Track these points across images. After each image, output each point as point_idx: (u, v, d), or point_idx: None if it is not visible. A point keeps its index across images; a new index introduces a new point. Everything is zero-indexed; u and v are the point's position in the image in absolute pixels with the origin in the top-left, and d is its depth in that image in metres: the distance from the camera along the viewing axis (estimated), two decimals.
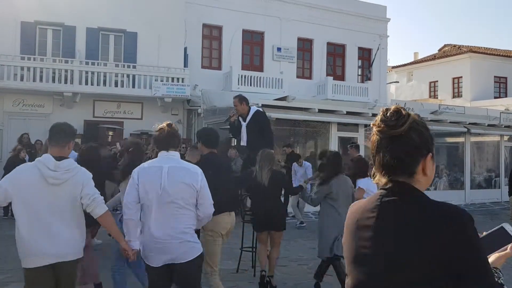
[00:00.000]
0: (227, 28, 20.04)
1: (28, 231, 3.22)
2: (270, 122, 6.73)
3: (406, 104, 15.27)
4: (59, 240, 3.24)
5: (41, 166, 3.24)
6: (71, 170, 3.32)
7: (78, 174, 3.35)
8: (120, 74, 16.63)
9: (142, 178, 3.49)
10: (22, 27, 16.39)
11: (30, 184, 3.23)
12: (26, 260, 3.27)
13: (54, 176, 3.23)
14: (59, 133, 3.41)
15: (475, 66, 29.62)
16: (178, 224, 3.47)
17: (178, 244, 3.45)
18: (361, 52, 23.58)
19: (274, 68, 20.69)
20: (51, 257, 3.23)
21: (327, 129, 13.93)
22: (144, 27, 17.51)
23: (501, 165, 17.58)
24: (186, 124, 18.45)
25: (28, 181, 3.23)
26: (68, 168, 3.30)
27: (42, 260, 3.22)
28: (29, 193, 3.22)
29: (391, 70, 33.83)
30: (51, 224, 3.24)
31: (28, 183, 3.23)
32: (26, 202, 3.23)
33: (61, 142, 3.38)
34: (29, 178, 3.24)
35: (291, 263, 7.07)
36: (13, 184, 3.24)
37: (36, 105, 16.43)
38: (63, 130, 3.45)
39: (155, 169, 3.51)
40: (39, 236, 3.21)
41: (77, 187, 3.32)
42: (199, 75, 18.69)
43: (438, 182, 16.38)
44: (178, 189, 3.48)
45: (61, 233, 3.26)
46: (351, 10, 22.54)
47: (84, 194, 3.33)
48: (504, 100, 27.26)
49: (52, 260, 3.23)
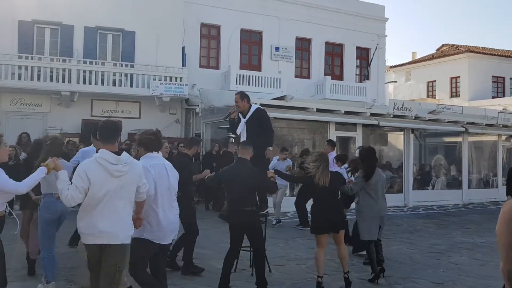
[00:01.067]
0: (226, 28, 20.04)
1: (97, 217, 3.62)
2: (271, 120, 6.69)
3: (404, 103, 15.27)
4: (120, 224, 3.70)
5: (103, 162, 3.61)
6: (129, 163, 3.74)
7: (135, 166, 3.80)
8: (118, 73, 16.62)
9: (155, 172, 4.26)
10: (20, 26, 16.35)
11: (98, 177, 3.58)
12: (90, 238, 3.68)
13: (117, 169, 3.64)
14: (111, 131, 3.79)
15: (473, 66, 29.68)
16: (176, 209, 4.57)
17: (178, 224, 4.62)
18: (359, 51, 23.60)
19: (272, 68, 20.70)
20: (113, 238, 3.66)
21: (325, 128, 13.92)
22: (142, 26, 17.50)
23: (499, 164, 17.61)
24: (184, 124, 18.45)
25: (97, 175, 3.58)
26: (126, 162, 3.71)
27: (102, 239, 3.65)
28: (97, 186, 3.58)
29: (389, 70, 33.88)
30: (116, 210, 3.67)
31: (97, 177, 3.57)
32: (94, 194, 3.59)
33: (113, 139, 3.78)
34: (97, 172, 3.59)
35: (289, 262, 7.07)
36: (88, 181, 3.57)
37: (33, 104, 16.41)
38: (113, 127, 3.82)
39: (160, 165, 4.40)
40: (107, 220, 3.63)
41: (136, 178, 3.80)
42: (197, 74, 18.69)
43: (436, 181, 16.41)
44: (175, 181, 4.57)
45: (124, 218, 3.74)
46: (349, 10, 22.56)
47: (142, 183, 3.87)
48: (501, 100, 27.34)
49: (107, 241, 3.65)
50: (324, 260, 5.67)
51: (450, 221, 12.11)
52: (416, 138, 16.12)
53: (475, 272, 6.78)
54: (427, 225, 11.29)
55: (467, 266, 7.17)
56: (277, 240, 8.50)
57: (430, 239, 9.43)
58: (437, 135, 17.92)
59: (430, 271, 6.81)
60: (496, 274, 6.72)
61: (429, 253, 8.06)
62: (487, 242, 9.19)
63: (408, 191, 14.86)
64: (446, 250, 8.34)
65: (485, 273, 6.73)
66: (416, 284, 6.13)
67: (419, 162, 17.39)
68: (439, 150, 18.85)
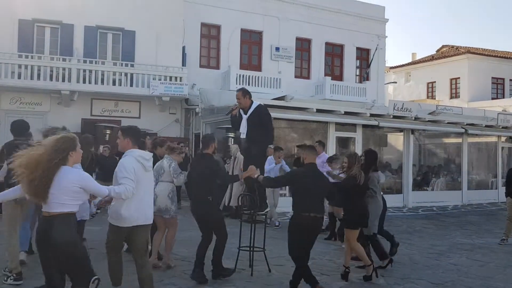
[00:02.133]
0: (226, 28, 20.03)
1: (133, 203, 4.36)
2: (271, 117, 6.65)
3: (404, 104, 15.26)
4: (148, 209, 4.58)
5: (141, 159, 4.42)
6: (150, 159, 4.59)
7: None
8: (118, 72, 16.60)
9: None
10: (20, 25, 16.34)
11: (139, 172, 4.37)
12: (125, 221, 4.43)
13: (150, 165, 4.58)
14: (139, 134, 4.74)
15: (473, 67, 29.69)
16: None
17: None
18: (359, 52, 23.59)
19: (272, 68, 20.69)
20: (144, 219, 4.52)
21: (325, 129, 13.91)
22: (142, 25, 17.48)
23: (498, 166, 17.62)
24: (184, 123, 18.44)
25: (138, 171, 4.38)
26: (148, 158, 4.56)
27: (137, 222, 4.46)
28: (140, 178, 4.39)
29: (389, 71, 33.88)
30: (148, 199, 4.58)
31: (138, 172, 4.36)
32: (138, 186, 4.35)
33: (139, 141, 4.72)
34: (139, 168, 4.38)
35: (288, 262, 7.05)
36: (135, 175, 4.34)
37: (33, 103, 16.39)
38: (138, 131, 4.76)
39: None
40: (139, 205, 4.43)
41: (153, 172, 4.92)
42: (197, 74, 18.68)
43: (436, 182, 16.41)
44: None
45: (150, 202, 4.64)
46: (349, 10, 22.55)
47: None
48: (501, 101, 27.34)
49: (142, 222, 4.50)
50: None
51: (449, 222, 12.12)
52: (415, 139, 16.12)
53: (474, 273, 6.78)
54: (426, 226, 11.29)
55: (466, 267, 7.17)
56: (277, 240, 8.48)
57: (430, 240, 9.43)
58: (437, 136, 17.92)
59: (430, 271, 6.81)
60: (496, 275, 6.73)
61: (429, 253, 8.07)
62: (486, 243, 9.20)
63: (408, 192, 14.86)
64: (446, 251, 8.35)
65: (485, 274, 6.73)
66: (415, 284, 6.13)
67: (419, 163, 17.39)
68: (439, 151, 18.85)
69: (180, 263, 6.54)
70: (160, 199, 6.14)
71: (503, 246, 8.93)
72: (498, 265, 7.41)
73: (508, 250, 8.56)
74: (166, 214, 6.22)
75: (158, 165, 6.36)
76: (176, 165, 6.36)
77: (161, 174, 6.29)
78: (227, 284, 5.74)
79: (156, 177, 6.04)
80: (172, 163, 6.33)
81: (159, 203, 6.11)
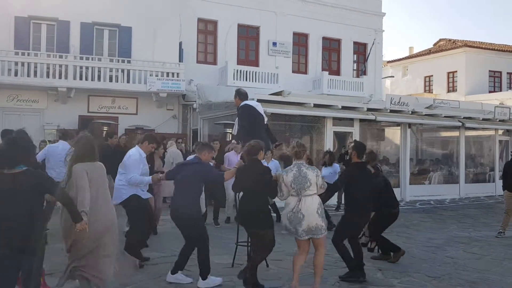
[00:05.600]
0: (223, 23, 19.98)
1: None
2: (249, 115, 6.54)
3: (401, 98, 15.28)
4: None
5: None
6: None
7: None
8: (114, 69, 16.54)
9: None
10: (16, 22, 16.27)
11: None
12: None
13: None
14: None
15: (470, 61, 29.70)
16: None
17: None
18: (357, 46, 23.57)
19: (270, 63, 20.67)
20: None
21: (322, 123, 13.94)
22: (138, 21, 17.43)
23: (496, 159, 17.67)
24: (181, 119, 18.42)
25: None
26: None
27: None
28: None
29: (387, 65, 33.88)
30: None
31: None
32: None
33: None
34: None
35: (287, 257, 7.09)
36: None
37: (30, 101, 16.35)
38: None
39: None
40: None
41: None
42: (194, 70, 18.64)
43: (433, 176, 16.46)
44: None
45: None
46: (346, 5, 22.52)
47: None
48: (498, 94, 27.38)
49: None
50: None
51: (446, 215, 12.17)
52: (413, 133, 16.15)
53: (472, 266, 6.82)
54: (423, 219, 11.34)
55: (463, 260, 7.21)
56: (275, 235, 8.51)
57: (427, 233, 9.48)
58: (434, 129, 17.95)
59: (427, 265, 6.84)
60: (493, 268, 6.77)
61: (426, 247, 8.11)
62: (483, 236, 9.24)
63: (405, 185, 14.91)
64: (443, 244, 8.39)
65: (482, 267, 6.77)
66: (412, 278, 6.16)
67: (416, 157, 17.43)
68: (436, 145, 18.89)
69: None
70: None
71: (500, 239, 8.98)
72: (495, 258, 7.45)
73: (505, 243, 8.61)
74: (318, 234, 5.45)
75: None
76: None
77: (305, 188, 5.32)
78: (225, 279, 5.75)
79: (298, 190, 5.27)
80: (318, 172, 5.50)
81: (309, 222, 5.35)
